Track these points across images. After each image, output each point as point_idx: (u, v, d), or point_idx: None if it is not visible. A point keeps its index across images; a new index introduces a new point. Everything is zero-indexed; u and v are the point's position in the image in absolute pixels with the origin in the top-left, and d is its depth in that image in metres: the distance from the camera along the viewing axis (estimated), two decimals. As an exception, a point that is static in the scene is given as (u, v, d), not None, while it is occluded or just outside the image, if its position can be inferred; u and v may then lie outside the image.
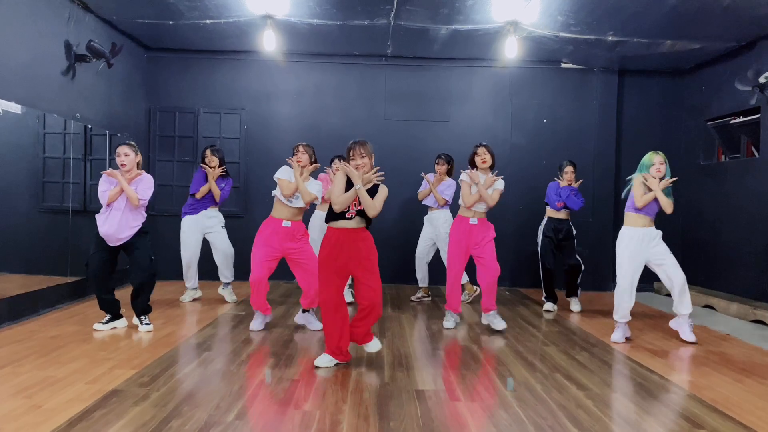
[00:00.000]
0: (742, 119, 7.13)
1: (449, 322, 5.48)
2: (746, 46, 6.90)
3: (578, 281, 6.54)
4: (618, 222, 8.20)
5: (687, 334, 5.12)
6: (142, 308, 5.05)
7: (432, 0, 5.92)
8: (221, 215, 6.60)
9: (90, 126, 6.75)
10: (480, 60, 8.07)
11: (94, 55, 6.22)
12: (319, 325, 5.12)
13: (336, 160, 6.40)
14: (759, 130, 6.74)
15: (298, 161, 5.09)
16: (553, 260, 6.53)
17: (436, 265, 6.94)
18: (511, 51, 6.85)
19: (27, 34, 5.45)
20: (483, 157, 5.38)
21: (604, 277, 8.00)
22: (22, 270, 6.01)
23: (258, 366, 4.09)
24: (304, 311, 5.27)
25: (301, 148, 5.14)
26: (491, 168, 5.43)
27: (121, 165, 4.87)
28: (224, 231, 6.54)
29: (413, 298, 6.93)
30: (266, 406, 3.28)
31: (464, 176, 5.41)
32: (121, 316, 5.14)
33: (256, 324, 5.18)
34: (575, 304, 6.52)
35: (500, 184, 5.38)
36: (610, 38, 6.79)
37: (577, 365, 4.31)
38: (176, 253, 6.54)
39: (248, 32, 7.03)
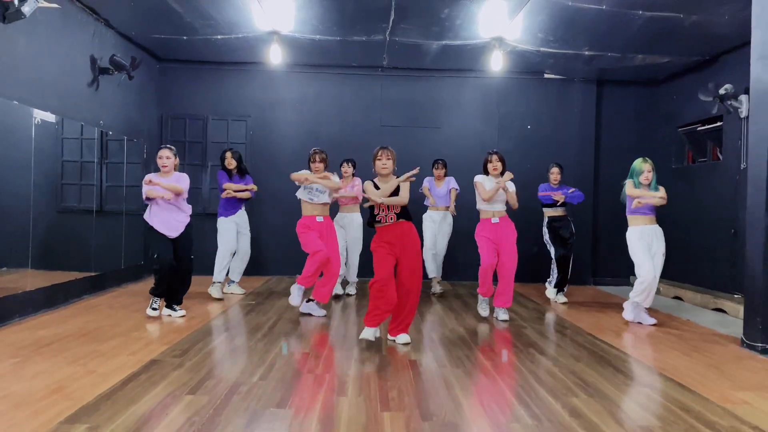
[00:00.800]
0: (707, 126, 7.79)
1: (482, 309, 6.03)
2: (710, 60, 7.57)
3: (568, 276, 7.17)
4: (596, 223, 8.91)
5: (646, 319, 5.76)
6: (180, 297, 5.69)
7: (424, 19, 6.56)
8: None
9: (110, 132, 7.34)
10: (469, 71, 8.72)
11: (116, 68, 6.82)
12: (321, 312, 5.73)
13: (344, 164, 7.13)
14: (722, 137, 7.40)
15: (316, 170, 5.88)
16: (564, 250, 7.15)
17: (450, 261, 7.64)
18: (496, 64, 7.49)
19: (57, 50, 6.03)
20: (495, 165, 5.95)
21: (582, 273, 8.64)
22: (42, 266, 6.59)
23: (273, 342, 4.70)
24: (308, 300, 5.87)
25: (317, 157, 5.93)
26: (501, 174, 5.96)
27: (162, 166, 5.60)
28: (249, 235, 7.16)
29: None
30: (284, 371, 3.89)
31: (477, 178, 6.04)
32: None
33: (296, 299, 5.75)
34: (561, 297, 7.13)
35: (511, 186, 5.95)
36: (586, 52, 7.45)
37: (551, 343, 4.94)
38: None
39: (255, 46, 7.64)
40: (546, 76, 8.86)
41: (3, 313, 5.13)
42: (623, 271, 8.41)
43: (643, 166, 5.77)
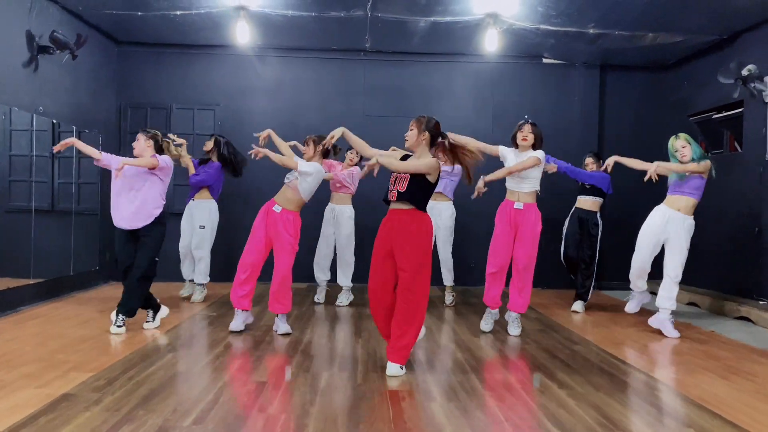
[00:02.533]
0: (724, 114, 7.04)
1: (486, 323, 5.19)
2: (728, 39, 6.81)
3: (590, 282, 6.40)
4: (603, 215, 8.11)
5: (670, 331, 5.00)
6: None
7: (409, -11, 5.76)
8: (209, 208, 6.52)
9: (58, 122, 6.51)
10: (460, 55, 7.92)
11: (58, 46, 5.96)
12: (285, 329, 4.87)
13: (350, 151, 6.42)
14: (741, 125, 6.65)
15: (304, 152, 5.15)
16: (575, 250, 6.41)
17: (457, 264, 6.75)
18: (491, 44, 6.71)
19: (-16, 23, 5.20)
20: (525, 134, 5.06)
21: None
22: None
23: (224, 368, 3.87)
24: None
25: (310, 141, 5.16)
26: (533, 147, 5.06)
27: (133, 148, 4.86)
28: (199, 228, 6.42)
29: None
30: (228, 409, 3.06)
31: (501, 149, 5.19)
32: (160, 306, 4.99)
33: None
34: (580, 307, 6.31)
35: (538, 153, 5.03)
36: (591, 30, 6.67)
37: (560, 364, 4.14)
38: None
39: (221, 24, 6.81)
40: (545, 60, 8.09)
41: None
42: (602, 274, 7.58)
43: (675, 144, 5.14)
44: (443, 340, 4.86)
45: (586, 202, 6.48)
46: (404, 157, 3.99)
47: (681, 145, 5.06)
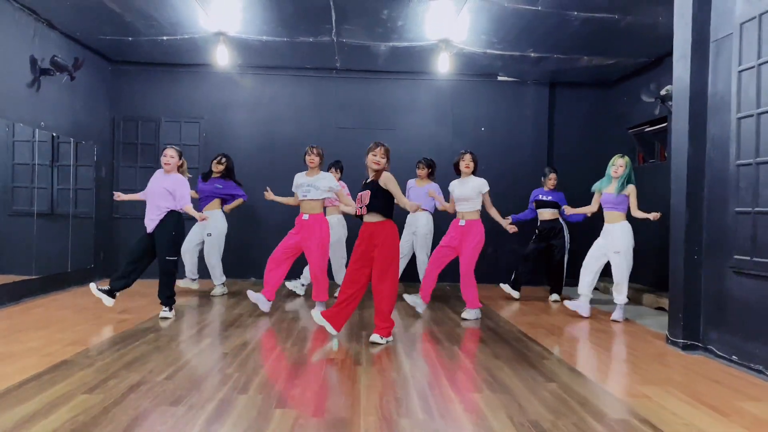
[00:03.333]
0: (655, 127, 7.87)
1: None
2: (656, 61, 7.65)
3: (563, 281, 7.41)
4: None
5: (585, 310, 5.87)
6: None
7: (365, 19, 6.57)
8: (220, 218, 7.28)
9: (57, 135, 7.29)
10: (422, 73, 8.75)
11: (58, 69, 6.77)
12: (265, 306, 5.85)
13: (331, 168, 7.29)
14: (667, 137, 7.47)
15: (311, 162, 5.99)
16: (533, 251, 7.34)
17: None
18: (443, 66, 7.52)
19: (-6, 51, 5.99)
20: (467, 162, 6.09)
21: (535, 274, 8.67)
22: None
23: (197, 343, 4.66)
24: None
25: (314, 151, 6.04)
26: (473, 172, 6.13)
27: (165, 164, 5.66)
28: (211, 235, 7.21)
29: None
30: (194, 371, 3.86)
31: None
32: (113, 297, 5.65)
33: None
34: (555, 297, 7.36)
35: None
36: (532, 54, 7.50)
37: (478, 342, 4.95)
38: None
39: (203, 47, 7.62)
40: (499, 78, 8.92)
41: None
42: (576, 272, 8.40)
43: (616, 160, 6.03)
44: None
45: (545, 213, 7.34)
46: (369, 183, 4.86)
47: (620, 164, 5.93)
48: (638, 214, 5.83)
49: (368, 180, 4.86)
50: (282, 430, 2.84)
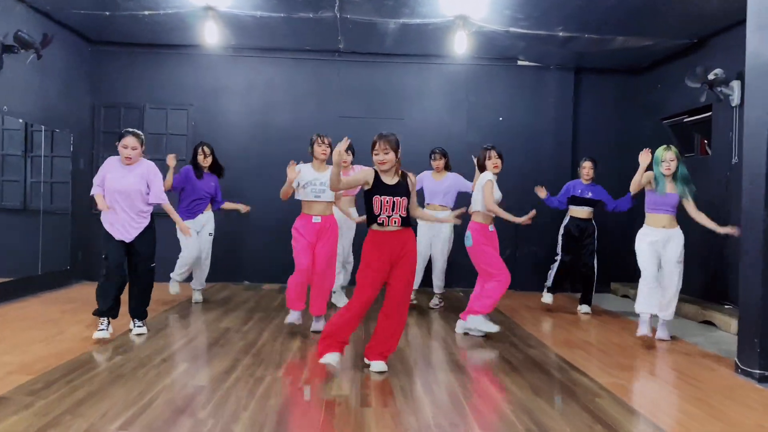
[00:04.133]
0: (695, 117, 7.05)
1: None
2: (698, 43, 6.82)
3: (593, 288, 6.46)
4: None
5: (662, 332, 5.07)
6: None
7: (374, -9, 5.75)
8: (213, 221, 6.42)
9: (25, 121, 6.49)
10: (434, 57, 7.91)
11: (22, 45, 5.94)
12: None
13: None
14: (710, 129, 6.65)
15: (322, 154, 4.99)
16: (571, 257, 6.44)
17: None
18: (460, 46, 6.69)
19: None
20: (495, 162, 5.15)
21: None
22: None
23: (168, 371, 3.85)
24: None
25: (325, 140, 5.05)
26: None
27: (126, 158, 4.62)
28: (208, 239, 6.36)
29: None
30: (158, 413, 3.05)
31: (489, 176, 5.14)
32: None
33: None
34: (586, 309, 6.41)
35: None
36: (560, 34, 6.66)
37: (510, 368, 4.14)
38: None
39: (191, 24, 6.79)
40: (519, 62, 8.08)
41: None
42: (600, 277, 7.53)
43: (665, 154, 4.98)
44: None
45: (583, 212, 6.45)
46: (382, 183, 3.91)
47: (670, 158, 4.96)
48: (705, 220, 4.93)
49: (389, 181, 3.88)
50: None
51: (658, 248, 4.99)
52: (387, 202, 3.80)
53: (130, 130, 4.82)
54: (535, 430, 2.95)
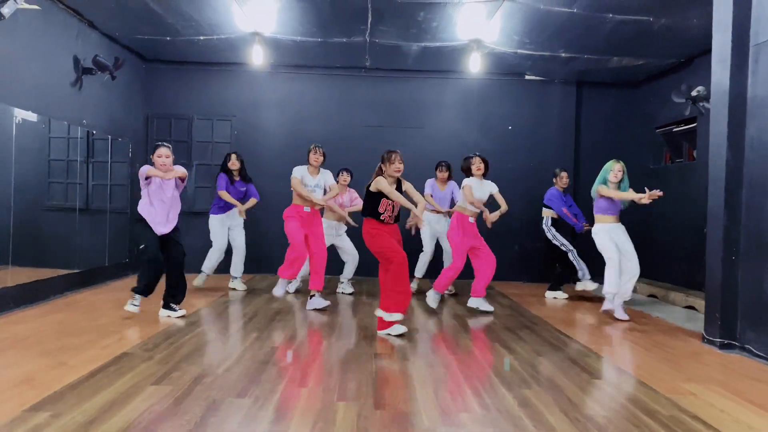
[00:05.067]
0: (683, 127, 7.93)
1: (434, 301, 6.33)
2: (686, 62, 7.71)
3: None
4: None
5: (621, 314, 5.93)
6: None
7: (401, 21, 6.68)
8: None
9: (94, 131, 7.47)
10: (451, 72, 8.84)
11: (100, 68, 6.93)
12: (324, 303, 6.06)
13: (342, 173, 7.34)
14: (696, 137, 7.54)
15: (316, 161, 6.44)
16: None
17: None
18: (475, 65, 7.62)
19: (40, 50, 6.15)
20: (478, 165, 6.34)
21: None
22: (31, 264, 6.70)
23: (245, 337, 4.82)
24: (311, 297, 6.11)
25: (320, 150, 6.51)
26: (484, 175, 6.38)
27: (161, 165, 5.40)
28: (243, 231, 7.41)
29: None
30: (250, 364, 4.01)
31: (467, 182, 6.28)
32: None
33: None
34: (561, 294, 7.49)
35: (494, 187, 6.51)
36: (563, 54, 7.58)
37: (517, 339, 5.07)
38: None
39: (238, 47, 7.76)
40: (527, 77, 8.99)
41: (-18, 308, 5.26)
42: (600, 270, 8.48)
43: (614, 165, 6.00)
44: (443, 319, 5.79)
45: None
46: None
47: (618, 169, 6.01)
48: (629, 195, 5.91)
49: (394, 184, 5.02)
50: (349, 422, 2.98)
51: (615, 238, 5.97)
52: (389, 204, 4.92)
53: (161, 143, 5.65)
54: (537, 377, 3.88)
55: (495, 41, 7.30)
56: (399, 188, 5.00)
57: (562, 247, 7.29)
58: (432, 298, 6.30)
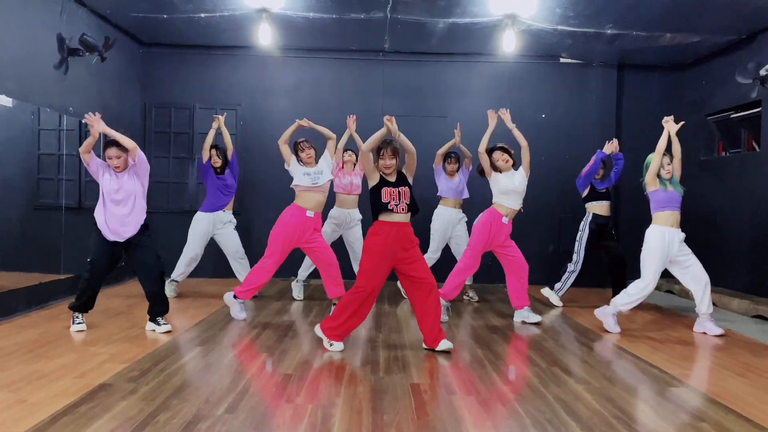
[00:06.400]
0: (742, 113, 7.06)
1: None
2: (746, 39, 6.83)
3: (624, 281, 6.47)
4: (617, 219, 8.12)
5: (713, 329, 5.10)
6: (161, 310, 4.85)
7: (428, -8, 5.86)
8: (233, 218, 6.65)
9: (82, 120, 6.69)
10: (478, 55, 8.00)
11: (87, 48, 6.14)
12: None
13: (346, 153, 6.54)
14: (760, 124, 6.67)
15: (308, 158, 5.54)
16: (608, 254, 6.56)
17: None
18: (509, 45, 6.77)
19: (19, 27, 5.38)
20: (505, 157, 5.61)
21: (600, 275, 7.93)
22: (16, 268, 5.96)
23: (251, 360, 4.01)
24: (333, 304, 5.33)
25: (306, 144, 5.61)
26: (513, 166, 5.64)
27: (115, 168, 4.68)
28: (234, 233, 6.57)
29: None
30: (257, 400, 3.20)
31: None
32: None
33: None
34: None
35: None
36: (609, 31, 6.72)
37: (577, 360, 4.23)
38: (176, 250, 6.51)
39: (244, 26, 6.96)
40: (562, 60, 8.14)
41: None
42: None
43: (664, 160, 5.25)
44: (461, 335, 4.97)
45: (603, 207, 6.51)
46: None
47: (667, 162, 5.19)
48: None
49: (392, 179, 4.24)
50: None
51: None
52: (392, 191, 4.15)
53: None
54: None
55: (532, 16, 6.46)
56: (402, 180, 4.24)
57: (574, 255, 6.45)
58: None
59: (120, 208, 4.62)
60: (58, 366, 3.69)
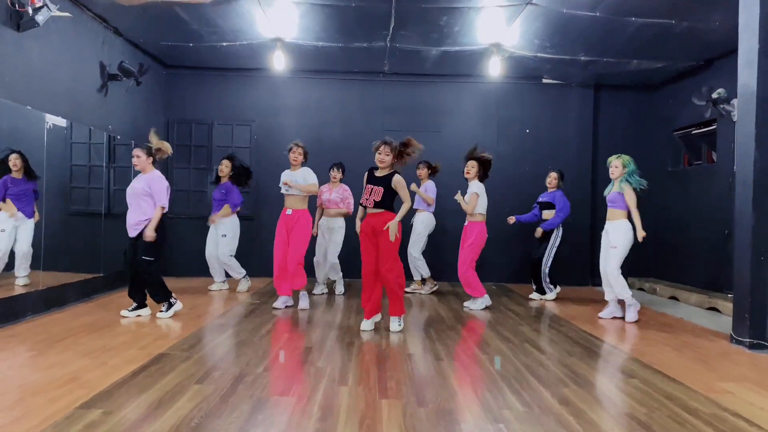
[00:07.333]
0: (702, 130, 7.96)
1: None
2: (704, 65, 7.74)
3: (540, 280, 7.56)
4: (594, 225, 9.01)
5: (631, 315, 6.02)
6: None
7: (423, 26, 6.74)
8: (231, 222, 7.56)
9: (117, 136, 7.56)
10: (468, 77, 8.90)
11: (125, 74, 7.03)
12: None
13: (333, 168, 7.37)
14: (716, 140, 7.56)
15: (294, 160, 6.59)
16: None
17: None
18: (494, 69, 7.68)
19: (69, 57, 6.24)
20: (468, 169, 6.74)
21: (580, 275, 8.82)
22: (56, 268, 6.78)
23: (276, 338, 4.87)
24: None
25: (294, 147, 6.66)
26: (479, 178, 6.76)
27: (134, 165, 5.77)
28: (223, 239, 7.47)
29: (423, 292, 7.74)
30: (287, 364, 4.06)
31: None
32: (146, 305, 5.76)
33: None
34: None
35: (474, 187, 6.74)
36: (582, 58, 7.62)
37: (546, 339, 5.10)
38: (194, 252, 7.37)
39: (259, 52, 7.84)
40: (544, 81, 9.04)
41: (17, 310, 5.33)
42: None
43: (611, 161, 6.33)
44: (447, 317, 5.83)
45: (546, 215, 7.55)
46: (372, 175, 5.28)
47: (615, 164, 6.16)
48: (635, 217, 5.99)
49: (378, 174, 5.19)
50: (395, 420, 3.02)
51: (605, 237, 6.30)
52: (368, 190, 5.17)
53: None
54: (574, 377, 3.91)
55: (515, 45, 7.36)
56: (385, 181, 5.13)
57: (548, 257, 7.38)
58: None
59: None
60: (120, 342, 4.55)
